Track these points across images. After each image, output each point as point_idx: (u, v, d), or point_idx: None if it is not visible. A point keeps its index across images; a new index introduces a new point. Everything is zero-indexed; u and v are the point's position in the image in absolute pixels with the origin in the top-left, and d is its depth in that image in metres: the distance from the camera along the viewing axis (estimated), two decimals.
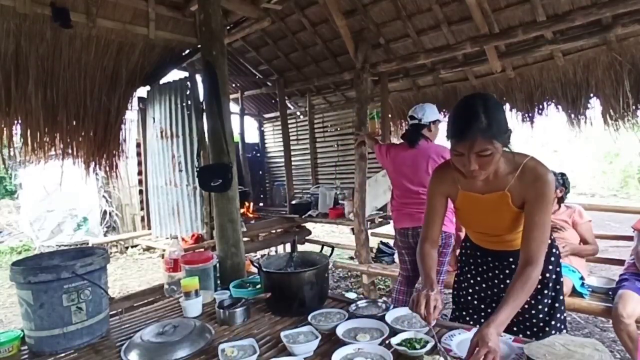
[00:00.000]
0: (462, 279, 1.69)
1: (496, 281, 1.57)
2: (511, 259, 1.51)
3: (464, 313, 1.65)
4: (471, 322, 1.58)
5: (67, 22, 3.01)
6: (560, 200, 2.82)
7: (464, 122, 1.22)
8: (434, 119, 2.83)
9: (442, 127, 3.31)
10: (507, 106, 4.11)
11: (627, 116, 3.39)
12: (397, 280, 2.99)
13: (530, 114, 3.98)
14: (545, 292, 1.51)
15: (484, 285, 1.60)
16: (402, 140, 2.98)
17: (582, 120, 3.68)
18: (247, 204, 5.25)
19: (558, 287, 1.54)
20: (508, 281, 1.48)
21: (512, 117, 4.11)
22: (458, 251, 1.81)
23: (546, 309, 1.50)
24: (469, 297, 1.65)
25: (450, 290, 1.82)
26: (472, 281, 1.64)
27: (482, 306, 1.60)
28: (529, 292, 1.25)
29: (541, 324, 1.49)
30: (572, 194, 2.62)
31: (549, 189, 1.28)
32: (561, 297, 1.54)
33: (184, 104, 4.13)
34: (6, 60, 3.01)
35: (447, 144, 1.32)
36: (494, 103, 1.26)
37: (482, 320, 1.53)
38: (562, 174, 2.84)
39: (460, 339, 1.31)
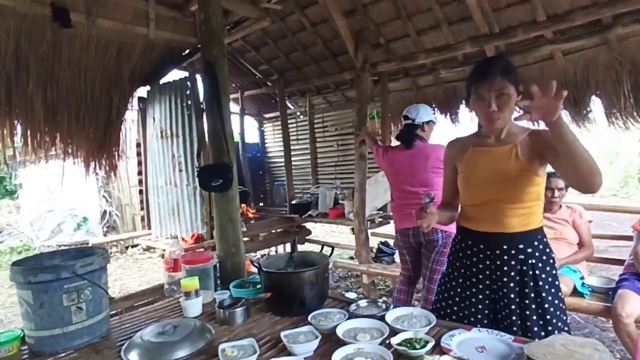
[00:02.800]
0: (449, 277, 1.64)
1: (487, 281, 1.49)
2: (505, 247, 1.44)
3: (448, 311, 1.59)
4: (453, 318, 1.55)
5: (67, 22, 3.01)
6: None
7: (485, 66, 1.41)
8: (428, 119, 2.83)
9: (438, 128, 3.33)
10: None
11: (627, 116, 3.39)
12: (398, 280, 2.99)
13: None
14: (544, 294, 1.45)
15: (468, 283, 1.53)
16: (397, 142, 2.98)
17: (583, 120, 3.68)
18: (246, 204, 5.25)
19: (555, 288, 1.49)
20: (504, 288, 1.45)
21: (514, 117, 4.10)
22: (447, 251, 1.78)
23: (544, 310, 1.46)
24: (453, 294, 1.58)
25: None
26: (460, 280, 1.57)
27: (463, 305, 1.54)
28: (587, 154, 1.20)
29: (541, 323, 1.45)
30: (572, 193, 2.62)
31: None
32: (560, 298, 1.50)
33: (184, 104, 4.13)
34: (6, 60, 3.01)
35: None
36: (508, 60, 1.45)
37: (465, 322, 1.50)
38: None
39: (460, 339, 1.31)
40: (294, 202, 5.23)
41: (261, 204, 6.55)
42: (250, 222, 4.77)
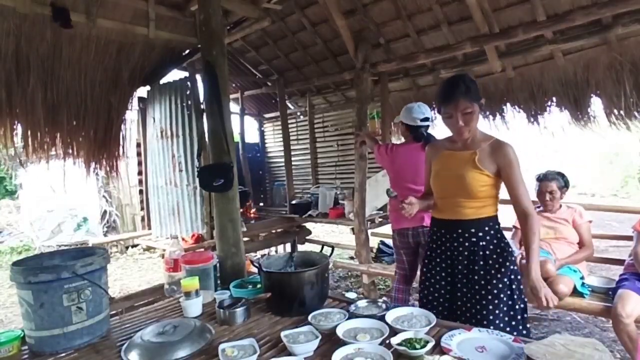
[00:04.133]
0: (427, 266, 1.86)
1: (452, 263, 1.75)
2: (460, 230, 1.72)
3: (429, 298, 1.81)
4: (435, 307, 1.77)
5: (67, 22, 3.01)
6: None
7: (449, 90, 1.64)
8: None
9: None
10: (508, 106, 4.11)
11: (628, 116, 3.39)
12: (395, 280, 2.99)
13: (533, 114, 3.97)
14: (495, 274, 1.68)
15: (443, 265, 1.78)
16: (402, 140, 2.97)
17: (584, 120, 3.68)
18: (247, 203, 5.25)
19: (514, 287, 1.69)
20: (459, 266, 1.72)
21: (515, 117, 4.11)
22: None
23: (492, 295, 1.66)
24: (433, 281, 1.81)
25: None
26: (433, 263, 1.82)
27: (443, 292, 1.78)
28: (538, 237, 1.63)
29: (490, 308, 1.65)
30: (572, 194, 2.63)
31: (514, 154, 1.66)
32: (519, 300, 1.70)
33: (184, 104, 4.12)
34: (6, 61, 3.01)
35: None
36: (469, 78, 1.67)
37: (446, 305, 1.76)
38: (562, 174, 2.84)
39: (460, 339, 1.31)
40: (294, 202, 5.23)
41: (261, 204, 6.54)
42: (250, 222, 4.77)
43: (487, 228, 1.71)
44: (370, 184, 4.17)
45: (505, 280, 1.68)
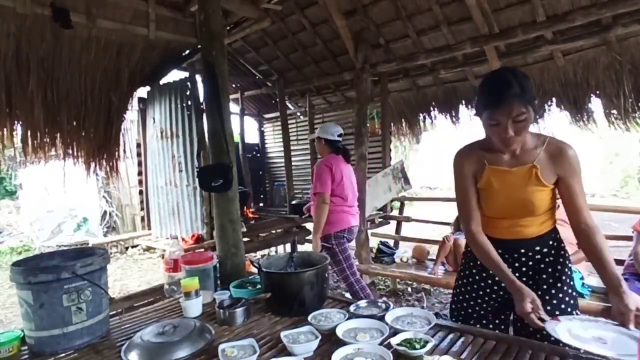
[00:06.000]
0: (464, 279, 1.65)
1: (502, 283, 1.48)
2: (522, 250, 1.48)
3: (462, 313, 1.62)
4: (471, 322, 1.57)
5: (67, 23, 3.01)
6: None
7: (500, 90, 1.29)
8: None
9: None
10: None
11: (627, 116, 3.39)
12: (357, 278, 3.08)
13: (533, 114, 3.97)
14: (559, 284, 1.49)
15: (489, 281, 1.55)
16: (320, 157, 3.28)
17: (583, 121, 3.68)
18: (247, 204, 5.25)
19: (575, 295, 1.53)
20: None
21: None
22: (462, 250, 1.78)
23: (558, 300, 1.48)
24: (469, 297, 1.61)
25: (450, 290, 1.81)
26: (477, 277, 1.58)
27: (479, 308, 1.58)
28: (610, 253, 1.33)
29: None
30: None
31: (577, 159, 1.40)
32: (573, 296, 1.52)
33: (184, 104, 4.13)
34: (6, 61, 3.00)
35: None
36: (521, 73, 1.33)
37: (483, 321, 1.56)
38: None
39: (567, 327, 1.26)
40: (294, 202, 5.23)
41: (261, 204, 6.54)
42: (250, 223, 4.77)
43: (551, 242, 1.52)
44: (370, 184, 4.17)
45: (566, 289, 1.50)
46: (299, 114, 6.35)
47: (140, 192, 5.25)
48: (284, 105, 5.73)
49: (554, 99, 3.81)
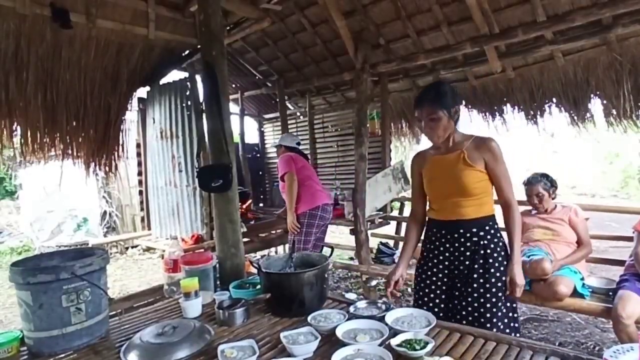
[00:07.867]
0: (423, 267, 1.88)
1: (451, 263, 1.77)
2: (461, 231, 1.75)
3: (425, 299, 1.84)
4: (432, 308, 1.78)
5: (66, 23, 3.01)
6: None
7: (420, 95, 1.78)
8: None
9: None
10: (508, 106, 4.11)
11: (627, 116, 3.39)
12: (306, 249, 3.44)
13: (533, 115, 3.97)
14: (492, 271, 1.71)
15: (440, 267, 1.81)
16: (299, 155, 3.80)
17: (583, 121, 3.68)
18: (246, 204, 5.24)
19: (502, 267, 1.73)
20: (460, 266, 1.74)
21: (515, 118, 4.11)
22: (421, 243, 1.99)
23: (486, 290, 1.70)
24: (429, 282, 1.84)
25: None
26: (430, 264, 1.84)
27: (439, 292, 1.81)
28: (519, 227, 1.74)
29: (482, 301, 1.69)
30: (572, 194, 2.63)
31: (499, 148, 1.73)
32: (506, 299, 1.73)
33: (184, 105, 4.12)
34: (6, 61, 3.00)
35: None
36: (446, 85, 1.78)
37: (442, 306, 1.79)
38: (546, 175, 2.85)
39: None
40: None
41: (261, 205, 6.54)
42: (249, 223, 4.77)
43: (487, 227, 1.74)
44: (370, 184, 4.16)
45: (504, 279, 1.70)
46: (298, 114, 6.34)
47: (140, 193, 5.24)
48: (283, 106, 5.73)
49: (554, 99, 3.80)
